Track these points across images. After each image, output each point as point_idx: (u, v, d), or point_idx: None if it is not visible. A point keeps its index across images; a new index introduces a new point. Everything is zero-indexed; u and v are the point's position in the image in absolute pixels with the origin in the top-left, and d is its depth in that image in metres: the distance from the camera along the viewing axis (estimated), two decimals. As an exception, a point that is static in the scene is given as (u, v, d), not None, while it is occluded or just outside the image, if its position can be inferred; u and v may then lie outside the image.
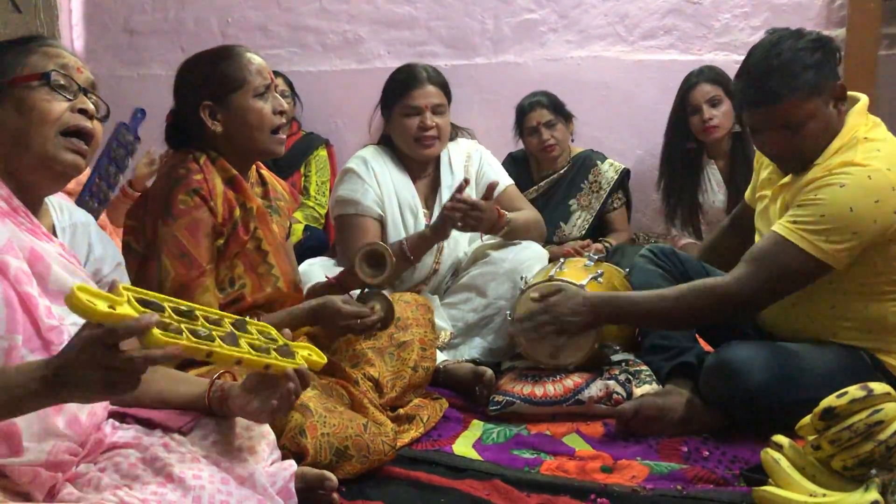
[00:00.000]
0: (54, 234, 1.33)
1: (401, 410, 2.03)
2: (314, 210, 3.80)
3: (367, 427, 1.75)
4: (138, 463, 1.28)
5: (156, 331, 1.01)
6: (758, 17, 3.56)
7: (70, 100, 1.30)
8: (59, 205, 1.42)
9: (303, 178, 3.87)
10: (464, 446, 1.94)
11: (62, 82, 1.30)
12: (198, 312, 1.19)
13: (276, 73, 3.92)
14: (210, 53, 1.92)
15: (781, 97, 1.80)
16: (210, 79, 1.86)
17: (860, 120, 1.86)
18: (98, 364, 1.01)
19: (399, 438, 1.87)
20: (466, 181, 2.41)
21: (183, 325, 1.10)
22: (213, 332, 1.16)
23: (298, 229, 3.57)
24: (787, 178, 1.93)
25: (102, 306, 0.99)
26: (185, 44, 4.13)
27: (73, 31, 4.38)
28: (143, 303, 1.08)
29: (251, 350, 1.22)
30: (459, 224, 2.36)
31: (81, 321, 1.08)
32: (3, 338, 1.16)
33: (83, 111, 1.30)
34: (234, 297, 1.89)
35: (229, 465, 1.35)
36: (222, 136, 1.86)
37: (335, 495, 1.54)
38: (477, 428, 2.06)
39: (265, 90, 1.88)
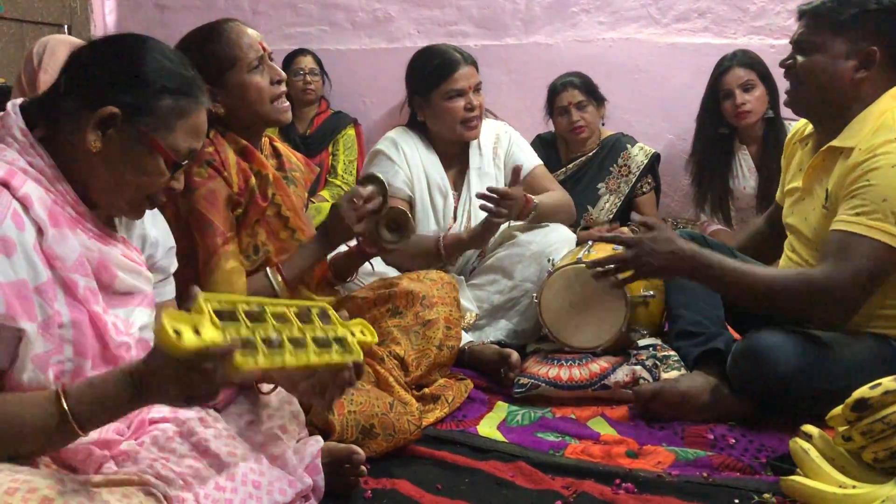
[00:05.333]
0: (110, 222, 1.33)
1: (426, 390, 2.04)
2: (342, 189, 3.81)
3: (392, 406, 1.77)
4: (175, 436, 1.30)
5: (238, 357, 1.05)
6: (794, 0, 3.49)
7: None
8: None
9: (330, 157, 3.88)
10: (488, 427, 1.95)
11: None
12: (267, 310, 1.20)
13: (305, 51, 3.94)
14: (198, 34, 1.89)
15: (810, 11, 1.85)
16: (201, 62, 1.82)
17: (894, 104, 1.82)
18: (180, 380, 1.04)
19: (424, 418, 1.88)
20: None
21: (258, 336, 1.12)
22: (283, 335, 1.18)
23: (325, 208, 3.58)
24: (818, 159, 1.90)
25: (189, 334, 1.01)
26: (215, 20, 4.13)
27: (105, 6, 4.40)
28: (222, 314, 1.09)
29: (315, 349, 1.24)
30: (494, 219, 2.35)
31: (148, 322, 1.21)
32: (71, 360, 1.17)
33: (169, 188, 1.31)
34: (261, 263, 1.91)
35: (263, 443, 1.37)
36: (226, 115, 1.87)
37: (363, 468, 1.55)
38: (501, 410, 2.07)
39: (259, 62, 1.86)
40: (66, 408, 1.06)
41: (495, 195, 2.31)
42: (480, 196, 2.33)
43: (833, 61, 1.84)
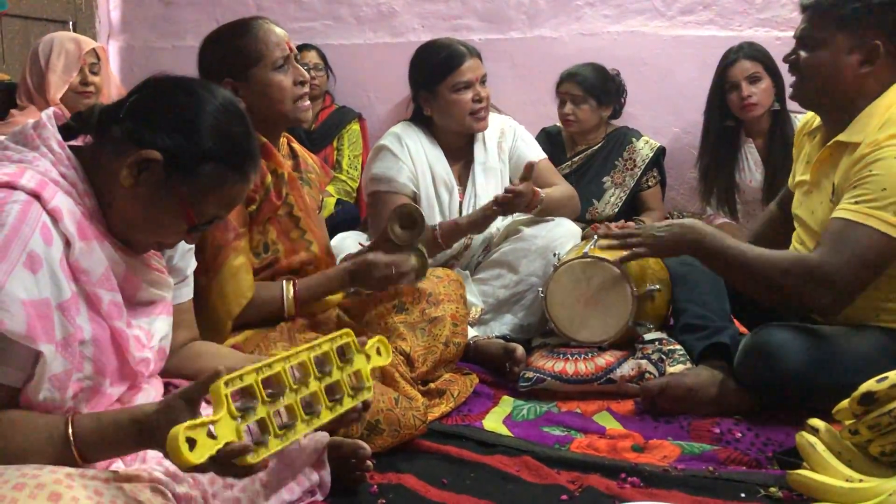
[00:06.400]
0: None
1: (431, 385, 2.04)
2: (346, 184, 3.81)
3: (398, 401, 1.77)
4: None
5: (248, 458, 1.07)
6: (801, -8, 3.47)
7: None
8: None
9: (335, 152, 3.88)
10: (494, 422, 1.95)
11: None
12: (282, 369, 1.19)
13: (310, 46, 3.93)
14: (228, 29, 1.92)
15: (812, 6, 1.84)
16: (228, 55, 1.87)
17: None
18: None
19: (429, 413, 1.88)
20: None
21: (270, 417, 1.13)
22: (294, 404, 1.19)
23: (330, 203, 3.58)
24: (825, 153, 1.89)
25: (206, 444, 1.02)
26: (220, 15, 4.14)
27: (109, 2, 4.40)
28: (241, 394, 1.11)
29: (328, 404, 1.26)
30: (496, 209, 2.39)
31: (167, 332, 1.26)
32: (90, 378, 1.18)
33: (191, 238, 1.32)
34: (269, 262, 1.93)
35: None
36: (247, 111, 1.87)
37: (369, 463, 1.56)
38: (507, 404, 2.07)
39: (284, 62, 1.88)
40: (72, 438, 1.09)
41: (510, 195, 2.34)
42: (500, 198, 2.37)
43: (836, 56, 1.82)
